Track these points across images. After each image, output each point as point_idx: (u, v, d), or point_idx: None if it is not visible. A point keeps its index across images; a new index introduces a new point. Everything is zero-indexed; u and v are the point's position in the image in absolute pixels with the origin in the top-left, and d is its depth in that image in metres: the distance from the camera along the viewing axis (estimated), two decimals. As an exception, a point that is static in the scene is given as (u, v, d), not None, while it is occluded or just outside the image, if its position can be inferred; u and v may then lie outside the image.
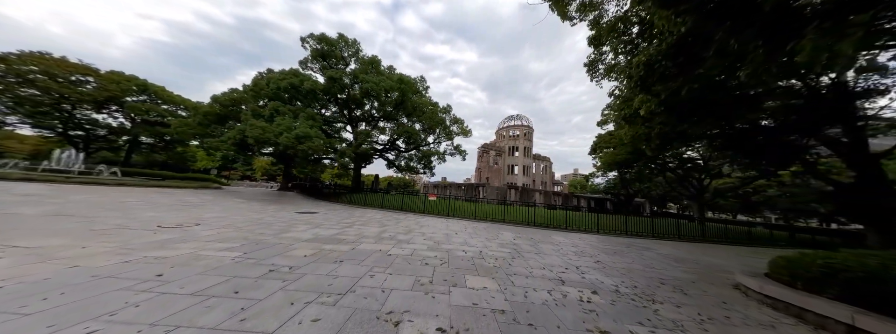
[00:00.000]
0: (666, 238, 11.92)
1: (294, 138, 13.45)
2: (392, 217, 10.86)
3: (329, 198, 17.10)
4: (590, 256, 6.25)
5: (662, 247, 9.30)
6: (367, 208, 13.80)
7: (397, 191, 14.43)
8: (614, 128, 20.68)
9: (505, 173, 53.27)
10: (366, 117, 24.01)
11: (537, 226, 11.75)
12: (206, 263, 3.44)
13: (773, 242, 13.91)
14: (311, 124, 15.34)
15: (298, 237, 5.55)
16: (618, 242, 9.29)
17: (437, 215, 12.68)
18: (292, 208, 11.28)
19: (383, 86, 17.39)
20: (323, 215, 9.59)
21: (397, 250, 5.02)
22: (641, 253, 7.49)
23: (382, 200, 13.99)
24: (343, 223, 8.04)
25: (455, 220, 11.42)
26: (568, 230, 11.40)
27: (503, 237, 7.93)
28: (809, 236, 15.92)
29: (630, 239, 10.72)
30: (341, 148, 17.26)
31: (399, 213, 12.51)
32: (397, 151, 26.25)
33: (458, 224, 10.28)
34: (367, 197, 14.67)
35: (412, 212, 13.17)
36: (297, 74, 18.44)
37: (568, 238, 9.06)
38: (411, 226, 8.64)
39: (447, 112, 22.96)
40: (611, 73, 9.41)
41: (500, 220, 12.15)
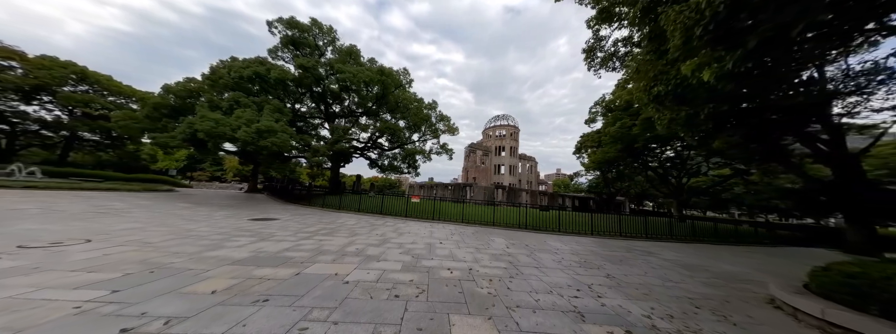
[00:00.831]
0: (658, 238, 11.40)
1: (255, 133, 11.67)
2: (368, 222, 9.48)
3: (301, 201, 15.34)
4: (596, 267, 5.27)
5: (661, 249, 8.63)
6: (341, 212, 12.28)
7: (375, 192, 12.98)
8: (602, 125, 20.39)
9: (492, 173, 52.84)
10: (345, 113, 22.28)
11: (529, 228, 10.81)
12: (15, 319, 2.01)
13: (758, 240, 13.85)
14: (277, 118, 13.56)
15: (227, 257, 4.12)
16: (616, 246, 8.50)
17: (421, 219, 11.42)
18: (249, 214, 9.60)
19: (362, 79, 15.85)
20: (282, 223, 8.05)
21: (359, 274, 3.74)
22: (646, 259, 6.66)
23: (360, 203, 12.52)
24: (303, 233, 6.60)
25: (441, 225, 10.23)
26: (561, 232, 10.54)
27: (495, 245, 6.83)
28: (788, 232, 16.25)
29: (625, 241, 10.03)
30: (315, 145, 15.53)
31: (377, 218, 11.12)
32: (380, 150, 24.66)
33: (444, 229, 9.09)
34: (342, 199, 13.12)
35: (393, 215, 11.83)
36: (263, 63, 16.48)
37: (564, 243, 8.13)
38: (388, 234, 7.33)
39: (433, 108, 21.72)
40: (609, 61, 8.62)
41: (489, 223, 11.09)
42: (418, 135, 22.90)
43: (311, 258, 4.35)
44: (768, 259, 8.76)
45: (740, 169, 23.98)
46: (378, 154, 25.21)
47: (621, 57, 8.15)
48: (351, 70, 15.78)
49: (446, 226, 9.80)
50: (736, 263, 7.35)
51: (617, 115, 15.57)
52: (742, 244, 12.66)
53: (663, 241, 11.05)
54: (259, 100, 14.81)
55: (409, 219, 11.30)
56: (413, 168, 22.39)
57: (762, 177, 30.30)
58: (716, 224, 13.72)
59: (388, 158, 24.58)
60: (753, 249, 11.23)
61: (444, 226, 10.01)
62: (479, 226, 10.57)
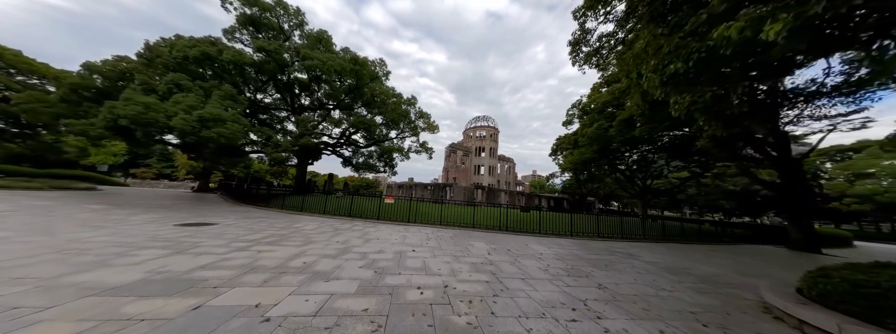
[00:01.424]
0: (633, 238, 11.47)
1: (196, 121, 9.86)
2: (332, 227, 8.29)
3: (259, 202, 13.53)
4: (585, 276, 4.72)
5: (638, 250, 8.51)
6: (303, 214, 10.86)
7: (344, 192, 11.64)
8: (579, 127, 20.74)
9: (472, 173, 52.77)
10: (315, 106, 20.43)
11: (510, 230, 10.27)
12: None
13: (717, 238, 14.65)
14: (228, 106, 11.73)
15: (99, 282, 2.89)
16: (597, 248, 8.20)
17: (395, 222, 10.40)
18: (182, 218, 7.95)
19: (333, 67, 14.37)
20: (220, 228, 6.64)
21: (293, 303, 2.73)
22: (630, 263, 6.34)
23: (325, 204, 11.18)
24: (241, 242, 5.34)
25: (417, 228, 9.30)
26: (542, 234, 10.13)
27: (476, 251, 6.09)
28: (739, 230, 17.57)
29: (604, 242, 9.86)
30: (277, 139, 13.78)
31: (344, 221, 9.92)
32: (354, 147, 23.07)
33: (420, 233, 8.19)
34: (305, 200, 11.65)
35: (364, 218, 10.67)
36: (214, 43, 14.36)
37: (547, 246, 7.63)
38: (352, 241, 6.28)
39: (412, 104, 20.66)
40: (593, 57, 8.30)
41: (469, 225, 10.39)
42: (396, 133, 21.71)
43: (233, 280, 3.25)
44: (737, 258, 8.99)
45: (696, 172, 26.01)
46: (352, 151, 23.59)
47: (605, 54, 7.84)
48: (320, 57, 14.25)
49: (422, 230, 8.91)
50: (712, 263, 7.31)
51: (593, 117, 15.75)
52: (704, 242, 13.25)
53: (638, 241, 11.11)
54: (208, 84, 12.77)
55: (382, 222, 10.23)
56: (390, 167, 21.14)
57: (714, 180, 33.30)
58: (682, 223, 14.28)
59: (363, 156, 23.08)
60: (716, 247, 11.69)
61: (419, 229, 9.10)
62: (459, 229, 9.81)
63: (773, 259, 9.58)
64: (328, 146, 22.04)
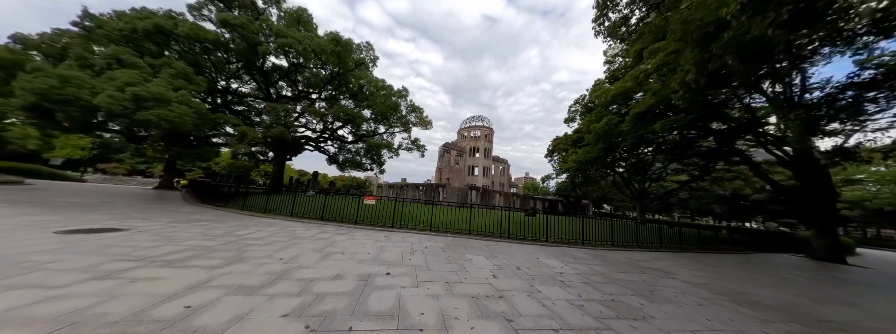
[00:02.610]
0: (650, 247, 10.11)
1: (130, 100, 7.91)
2: (290, 234, 6.52)
3: (217, 202, 11.56)
4: (641, 317, 3.16)
5: (665, 263, 7.12)
6: (265, 217, 9.00)
7: (316, 190, 9.79)
8: (581, 125, 19.46)
9: (466, 174, 51.31)
10: (298, 97, 18.46)
11: (513, 238, 8.70)
12: None
13: (730, 245, 13.46)
14: (180, 86, 9.78)
15: None
16: (619, 261, 6.74)
17: (376, 227, 8.68)
18: (88, 220, 6.03)
19: (311, 48, 12.54)
20: (120, 237, 4.79)
21: None
22: (675, 286, 4.88)
23: (293, 204, 9.34)
24: (125, 260, 3.56)
25: (401, 235, 7.60)
26: (549, 243, 8.60)
27: (475, 271, 4.46)
28: (743, 237, 16.56)
29: (622, 253, 8.42)
30: (242, 129, 11.83)
31: (313, 226, 8.13)
32: (340, 142, 21.16)
33: (404, 243, 6.50)
34: (269, 200, 9.79)
35: (338, 221, 8.90)
36: (173, 18, 12.37)
37: (563, 261, 6.08)
38: (302, 257, 4.55)
39: (403, 96, 18.94)
40: (619, 28, 6.84)
41: (465, 232, 8.75)
42: (385, 127, 19.92)
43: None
44: (775, 273, 7.67)
45: (694, 175, 25.23)
46: (338, 148, 21.67)
47: (634, 24, 6.41)
48: (295, 35, 12.39)
49: (408, 238, 7.22)
50: (762, 284, 5.91)
51: (599, 113, 14.40)
52: (718, 250, 12.03)
53: (655, 251, 9.74)
54: (159, 62, 10.77)
55: (359, 226, 8.48)
56: (377, 164, 19.32)
57: (710, 184, 32.83)
58: (698, 230, 13.03)
59: (350, 153, 21.20)
60: (737, 258, 10.45)
61: (404, 237, 7.40)
62: (452, 236, 8.16)
63: (814, 273, 8.32)
64: (310, 140, 20.08)
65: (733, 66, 4.02)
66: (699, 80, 5.22)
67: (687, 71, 5.10)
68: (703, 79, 5.21)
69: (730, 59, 3.70)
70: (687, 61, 4.78)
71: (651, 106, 9.76)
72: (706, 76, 5.03)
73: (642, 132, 10.96)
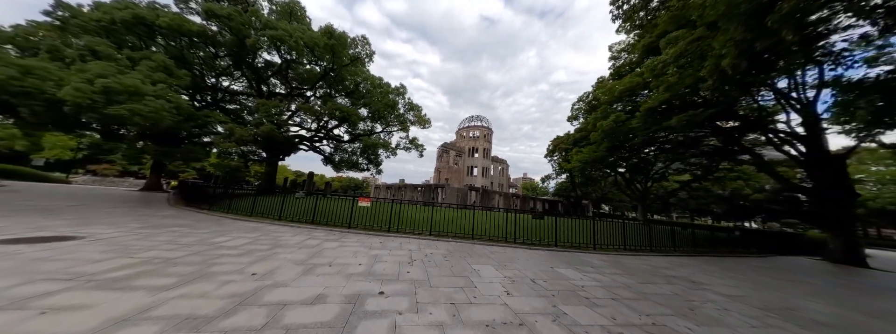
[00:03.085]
0: (662, 251, 9.51)
1: (99, 93, 7.19)
2: (272, 242, 5.82)
3: (203, 205, 10.81)
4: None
5: (689, 270, 6.54)
6: (251, 220, 8.27)
7: (305, 192, 8.97)
8: (585, 123, 18.89)
9: (465, 174, 50.72)
10: (290, 94, 17.73)
11: (519, 243, 8.04)
12: None
13: (743, 246, 12.87)
14: (159, 79, 9.05)
15: None
16: (639, 269, 6.13)
17: (372, 231, 7.99)
18: (41, 227, 5.29)
19: (302, 40, 11.85)
20: (71, 246, 4.07)
21: None
22: (713, 301, 4.29)
23: (282, 207, 8.63)
24: (53, 279, 2.85)
25: (399, 241, 6.92)
26: (559, 248, 7.96)
27: (485, 286, 3.79)
28: (753, 238, 16.01)
29: (637, 257, 7.82)
30: (230, 126, 11.09)
31: (302, 230, 7.43)
32: (336, 142, 20.45)
33: (401, 250, 5.83)
34: (256, 202, 9.06)
35: (329, 225, 8.20)
36: (155, 8, 11.63)
37: (580, 270, 5.44)
38: (280, 271, 3.87)
39: (401, 94, 18.28)
40: (637, 13, 6.22)
41: (468, 236, 8.08)
42: (382, 126, 19.24)
43: None
44: (808, 281, 7.06)
45: (697, 174, 24.77)
46: (333, 147, 20.96)
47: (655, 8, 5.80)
48: (286, 27, 11.69)
49: (406, 244, 6.54)
50: (806, 296, 5.29)
51: (605, 110, 13.82)
52: (738, 254, 11.46)
53: (671, 255, 9.14)
54: (139, 54, 10.03)
55: (352, 231, 7.78)
56: (374, 164, 18.64)
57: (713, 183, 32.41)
58: (712, 231, 12.45)
59: (346, 153, 20.49)
60: (758, 262, 9.88)
61: (402, 243, 6.72)
62: (455, 241, 7.49)
63: (842, 279, 7.73)
64: (304, 140, 19.36)
65: (788, 43, 3.44)
66: (739, 64, 4.60)
67: (722, 55, 4.48)
68: (745, 62, 4.59)
69: (787, 34, 3.12)
70: (723, 44, 4.18)
71: (664, 100, 9.18)
72: (749, 58, 4.42)
73: (654, 129, 10.38)
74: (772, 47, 3.68)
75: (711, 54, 5.07)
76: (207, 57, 15.14)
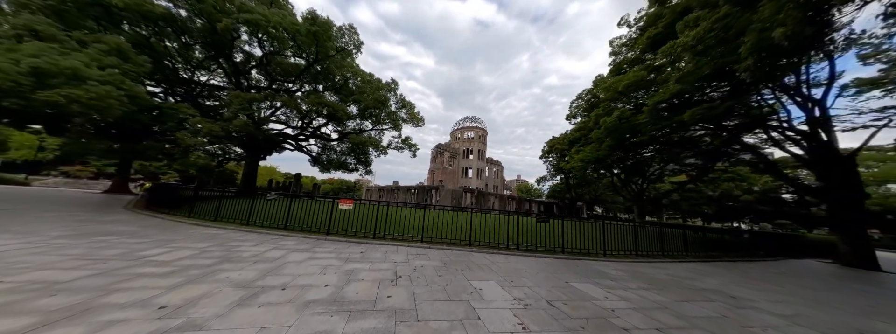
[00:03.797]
0: (676, 256, 8.76)
1: (27, 74, 6.00)
2: (221, 255, 4.72)
3: (165, 208, 9.54)
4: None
5: (717, 281, 5.74)
6: (214, 226, 7.11)
7: (279, 192, 7.67)
8: (584, 121, 18.26)
9: (459, 176, 49.86)
10: (274, 89, 16.52)
11: (522, 250, 7.13)
12: None
13: (748, 250, 12.26)
14: (111, 63, 7.86)
15: None
16: (666, 282, 5.29)
17: (353, 238, 6.94)
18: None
19: (282, 25, 10.77)
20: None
21: None
22: (758, 318, 3.42)
23: (251, 210, 7.50)
24: None
25: (383, 250, 5.91)
26: (567, 255, 7.09)
27: (491, 314, 2.82)
28: (754, 240, 15.53)
29: (654, 265, 7.01)
30: (196, 120, 9.89)
31: (269, 238, 6.33)
32: (324, 141, 19.29)
33: (384, 262, 4.82)
34: (222, 205, 7.90)
35: (305, 232, 7.11)
36: (116, -12, 10.39)
37: (601, 286, 4.55)
38: (211, 301, 2.81)
39: (392, 90, 17.32)
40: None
41: (464, 243, 7.12)
42: (372, 123, 18.19)
43: None
44: (838, 288, 6.35)
45: (694, 175, 24.50)
46: (322, 147, 19.78)
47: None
48: (263, 12, 10.61)
49: (392, 254, 5.53)
50: (858, 311, 4.51)
51: (607, 106, 13.15)
52: (752, 258, 10.83)
53: (686, 261, 8.39)
54: (91, 38, 8.79)
55: (330, 238, 6.71)
56: (363, 164, 17.55)
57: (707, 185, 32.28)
58: (722, 235, 11.80)
59: (334, 153, 19.35)
60: (776, 267, 9.22)
61: (387, 252, 5.71)
62: (450, 249, 6.51)
63: (870, 286, 7.06)
64: (289, 139, 18.15)
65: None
66: (801, 31, 3.80)
67: (767, 28, 3.71)
68: (810, 28, 3.83)
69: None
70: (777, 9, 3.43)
71: (676, 93, 8.49)
72: (814, 24, 3.68)
73: (664, 124, 9.70)
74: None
75: (752, 29, 4.35)
76: (181, 48, 13.90)
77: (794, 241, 16.12)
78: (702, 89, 8.47)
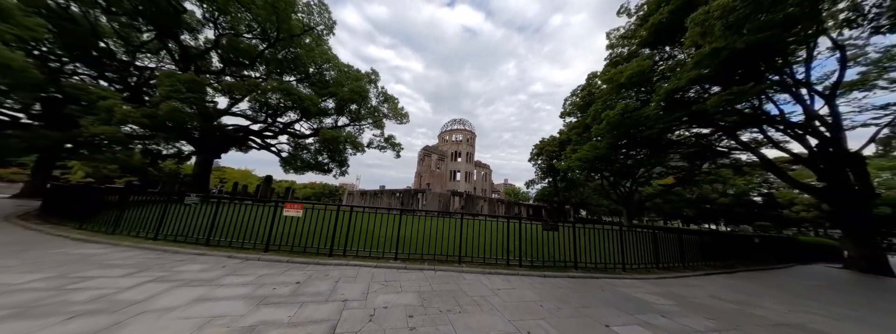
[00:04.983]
0: (696, 267, 7.57)
1: None
2: (56, 293, 2.77)
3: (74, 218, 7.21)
4: None
5: (755, 297, 4.39)
6: (102, 241, 5.04)
7: (194, 194, 5.88)
8: (583, 118, 17.29)
9: (447, 179, 48.24)
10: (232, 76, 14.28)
11: (527, 267, 5.57)
12: None
13: (763, 256, 11.41)
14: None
15: None
16: (714, 309, 3.88)
17: (297, 257, 5.09)
18: None
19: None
20: None
21: None
22: None
23: (162, 220, 5.48)
24: None
25: (337, 273, 4.13)
26: (580, 272, 5.60)
27: None
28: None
29: (684, 281, 5.68)
30: (109, 104, 7.68)
31: (174, 258, 4.37)
32: (296, 138, 17.08)
33: (326, 305, 3.06)
34: (124, 215, 5.80)
35: (234, 248, 5.18)
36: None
37: (652, 330, 3.01)
38: None
39: (372, 81, 15.56)
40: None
41: (454, 260, 5.45)
42: (350, 118, 16.26)
43: None
44: (882, 304, 5.23)
45: (681, 177, 24.30)
46: (294, 146, 17.52)
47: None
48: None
49: (345, 286, 3.76)
50: None
51: (606, 100, 12.08)
52: (766, 266, 9.87)
53: (709, 273, 7.20)
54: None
55: (265, 258, 4.84)
56: (337, 163, 15.54)
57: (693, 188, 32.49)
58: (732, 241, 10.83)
59: (308, 152, 17.16)
60: (796, 276, 8.23)
61: (340, 279, 3.94)
62: (433, 269, 4.83)
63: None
64: (253, 135, 15.84)
65: None
66: None
67: None
68: None
69: None
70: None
71: (694, 79, 7.39)
72: None
73: (679, 115, 8.61)
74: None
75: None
76: (122, 27, 11.58)
77: (789, 245, 15.70)
78: (725, 73, 7.46)
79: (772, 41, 6.14)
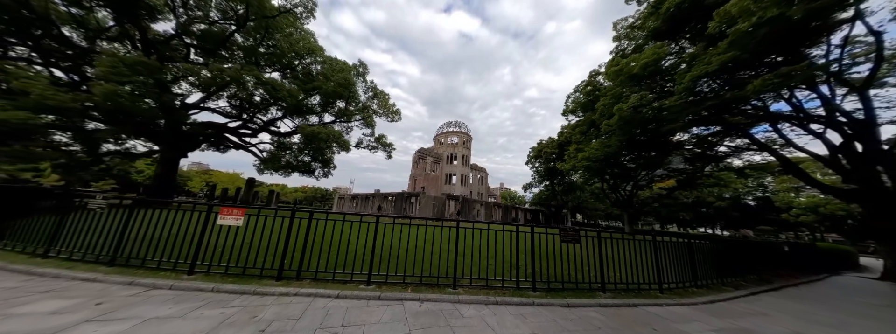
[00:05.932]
0: (736, 285, 6.37)
1: None
2: None
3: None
4: None
5: (829, 330, 3.11)
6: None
7: (100, 195, 4.64)
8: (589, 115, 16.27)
9: (443, 182, 46.90)
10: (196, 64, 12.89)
11: (542, 291, 4.28)
12: None
13: (794, 266, 10.30)
14: None
15: None
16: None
17: (232, 284, 3.72)
18: None
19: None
20: None
21: None
22: None
23: (55, 231, 4.08)
24: None
25: (272, 312, 2.77)
26: (608, 295, 4.34)
27: None
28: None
29: (736, 304, 4.46)
30: (22, 84, 6.26)
31: (44, 287, 2.95)
32: (278, 136, 15.64)
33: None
34: (13, 225, 4.39)
35: (148, 270, 3.79)
36: None
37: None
38: None
39: (361, 73, 14.31)
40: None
41: (447, 282, 4.14)
42: (336, 115, 14.93)
43: None
44: None
45: (682, 180, 23.48)
46: (277, 145, 16.05)
47: None
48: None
49: (287, 325, 2.40)
50: None
51: (617, 93, 11.01)
52: (798, 278, 8.73)
53: (753, 292, 6.01)
54: None
55: (183, 285, 3.46)
56: (321, 162, 14.13)
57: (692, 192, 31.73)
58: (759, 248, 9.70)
59: (293, 152, 15.70)
60: (834, 289, 7.10)
61: (280, 323, 2.58)
62: (417, 300, 3.51)
63: None
64: (227, 131, 14.37)
65: None
66: None
67: None
68: None
69: None
70: None
71: (729, 60, 6.29)
72: None
73: (709, 104, 7.50)
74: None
75: None
76: (86, 18, 10.19)
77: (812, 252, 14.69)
78: (760, 56, 6.48)
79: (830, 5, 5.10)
